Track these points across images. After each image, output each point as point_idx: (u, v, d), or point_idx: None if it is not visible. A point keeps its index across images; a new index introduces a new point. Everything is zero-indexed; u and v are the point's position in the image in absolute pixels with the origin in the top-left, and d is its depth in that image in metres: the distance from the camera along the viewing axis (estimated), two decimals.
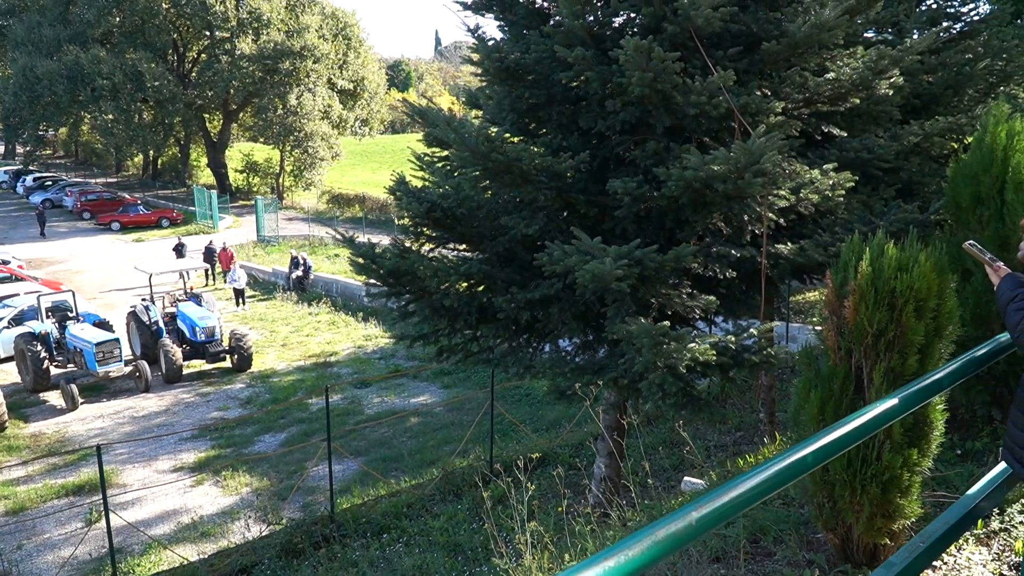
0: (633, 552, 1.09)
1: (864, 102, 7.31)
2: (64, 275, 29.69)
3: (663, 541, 1.14)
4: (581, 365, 6.79)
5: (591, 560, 1.10)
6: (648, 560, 1.11)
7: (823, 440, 1.38)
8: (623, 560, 1.09)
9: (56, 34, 44.64)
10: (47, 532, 12.06)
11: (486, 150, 5.94)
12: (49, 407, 17.42)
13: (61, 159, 68.99)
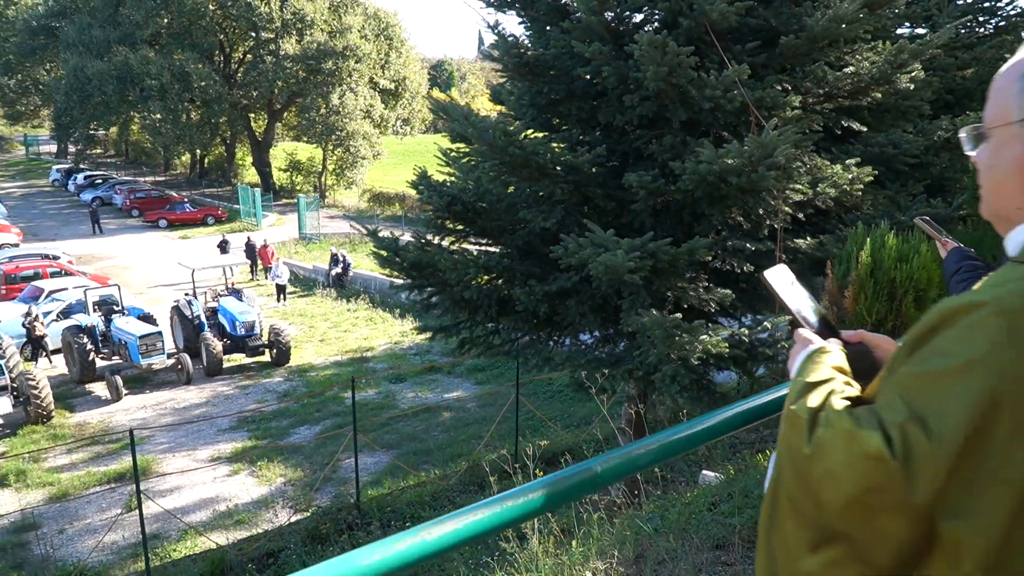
0: (535, 495, 1.18)
1: (891, 97, 7.25)
2: (112, 271, 30.46)
3: (566, 488, 1.23)
4: (598, 357, 6.86)
5: (493, 499, 1.19)
6: (547, 503, 1.20)
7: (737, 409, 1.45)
8: (523, 501, 1.17)
9: (106, 35, 45.76)
10: (88, 517, 12.44)
11: (503, 144, 6.04)
12: (94, 398, 17.91)
13: (111, 158, 70.64)
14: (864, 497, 0.96)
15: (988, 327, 0.93)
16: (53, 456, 14.66)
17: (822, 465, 0.99)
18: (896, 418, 0.95)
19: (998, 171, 1.08)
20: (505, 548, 4.75)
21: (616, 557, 4.12)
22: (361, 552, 1.07)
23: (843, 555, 1.00)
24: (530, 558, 4.59)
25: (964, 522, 0.91)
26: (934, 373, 0.95)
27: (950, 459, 0.91)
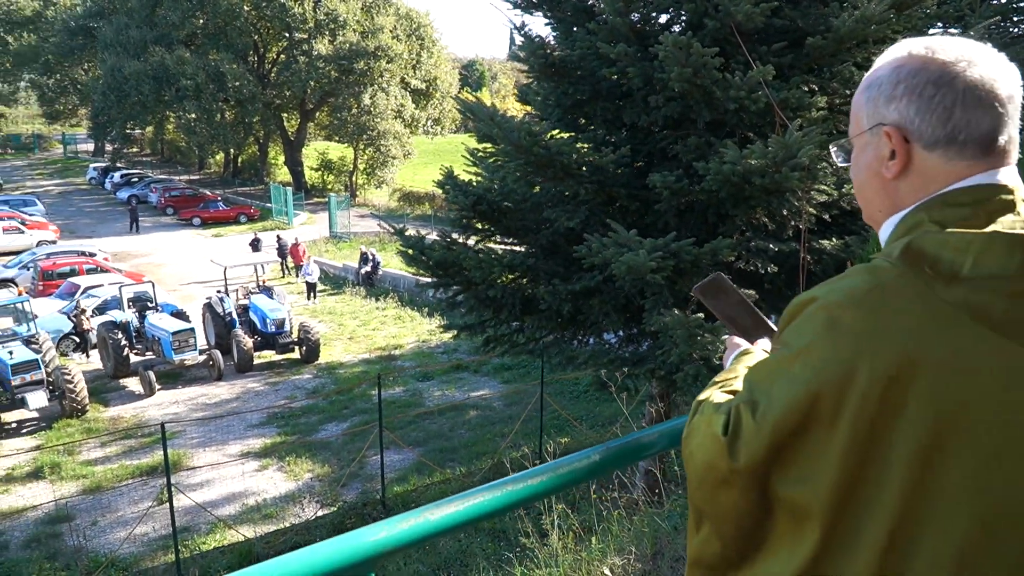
0: (536, 480, 1.23)
1: None
2: (147, 268, 30.97)
3: (565, 474, 1.28)
4: (621, 356, 6.90)
5: (495, 484, 1.25)
6: (549, 488, 1.26)
7: None
8: (524, 486, 1.23)
9: (143, 36, 46.51)
10: (120, 510, 12.69)
11: (528, 144, 6.11)
12: (128, 392, 18.24)
13: (147, 157, 71.78)
14: (707, 473, 1.09)
15: (815, 320, 1.02)
16: (87, 449, 14.97)
17: (689, 447, 1.15)
18: (736, 401, 1.08)
19: (859, 178, 1.17)
20: (525, 544, 4.80)
21: (634, 553, 4.16)
22: (368, 530, 1.14)
23: (708, 532, 1.14)
24: (550, 554, 4.65)
25: (795, 484, 1.03)
26: (774, 361, 1.07)
27: (772, 435, 1.03)
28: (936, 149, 1.06)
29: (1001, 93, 1.06)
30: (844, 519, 1.00)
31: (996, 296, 0.98)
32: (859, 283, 1.02)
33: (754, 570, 1.10)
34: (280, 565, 1.09)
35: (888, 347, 0.97)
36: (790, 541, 1.05)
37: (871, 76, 1.15)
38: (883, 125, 1.10)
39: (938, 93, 1.05)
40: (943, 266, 1.00)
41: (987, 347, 0.97)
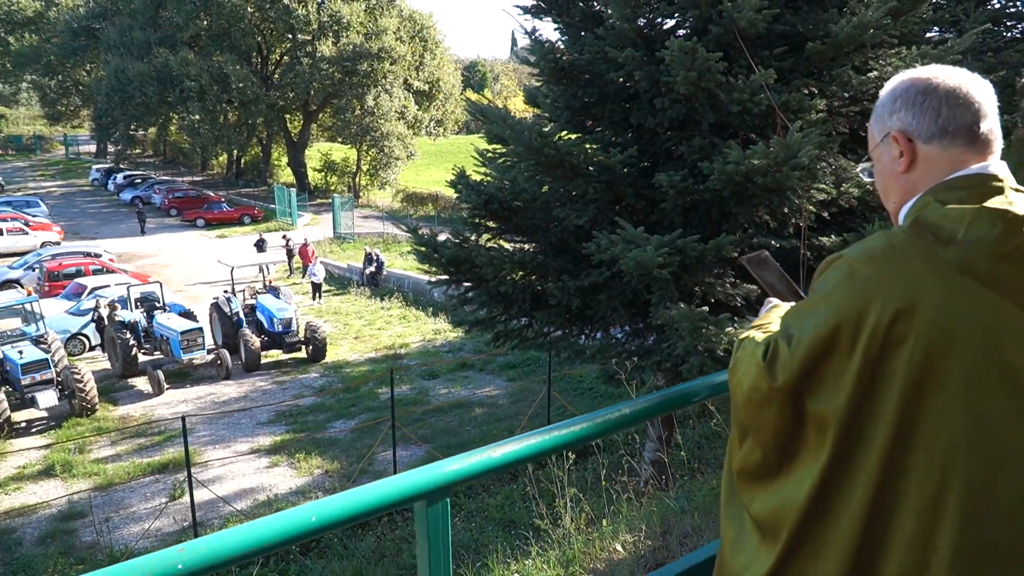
0: (578, 427, 1.47)
1: None
2: (152, 269, 31.17)
3: (600, 424, 1.53)
4: (628, 350, 7.14)
5: (545, 429, 1.49)
6: (584, 435, 1.50)
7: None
8: (567, 431, 1.47)
9: (147, 37, 46.74)
10: (133, 506, 12.89)
11: (539, 145, 6.35)
12: (136, 392, 18.44)
13: (150, 158, 71.98)
14: (752, 394, 1.38)
15: (839, 271, 1.32)
16: (98, 447, 15.18)
17: (736, 375, 1.44)
18: (775, 335, 1.37)
19: (881, 181, 1.48)
20: (539, 525, 5.03)
21: (644, 531, 4.40)
22: (445, 462, 1.37)
23: (751, 444, 1.43)
24: (563, 535, 4.88)
25: (823, 402, 1.31)
26: (806, 303, 1.36)
27: (803, 360, 1.31)
28: (933, 141, 1.37)
29: (974, 95, 1.37)
30: (854, 428, 1.28)
31: (981, 256, 1.27)
32: (876, 243, 1.31)
33: (788, 478, 1.38)
34: (376, 488, 1.33)
35: (895, 291, 1.25)
36: (815, 448, 1.33)
37: (876, 105, 1.47)
38: (890, 134, 1.41)
39: (927, 99, 1.37)
40: (942, 232, 1.28)
41: (972, 294, 1.26)
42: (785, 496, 1.37)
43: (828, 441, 1.30)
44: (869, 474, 1.28)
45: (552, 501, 5.16)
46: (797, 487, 1.36)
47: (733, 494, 1.51)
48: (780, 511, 1.38)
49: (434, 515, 1.37)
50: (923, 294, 1.25)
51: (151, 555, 1.09)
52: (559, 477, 4.92)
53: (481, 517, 9.64)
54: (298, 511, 1.25)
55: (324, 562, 9.31)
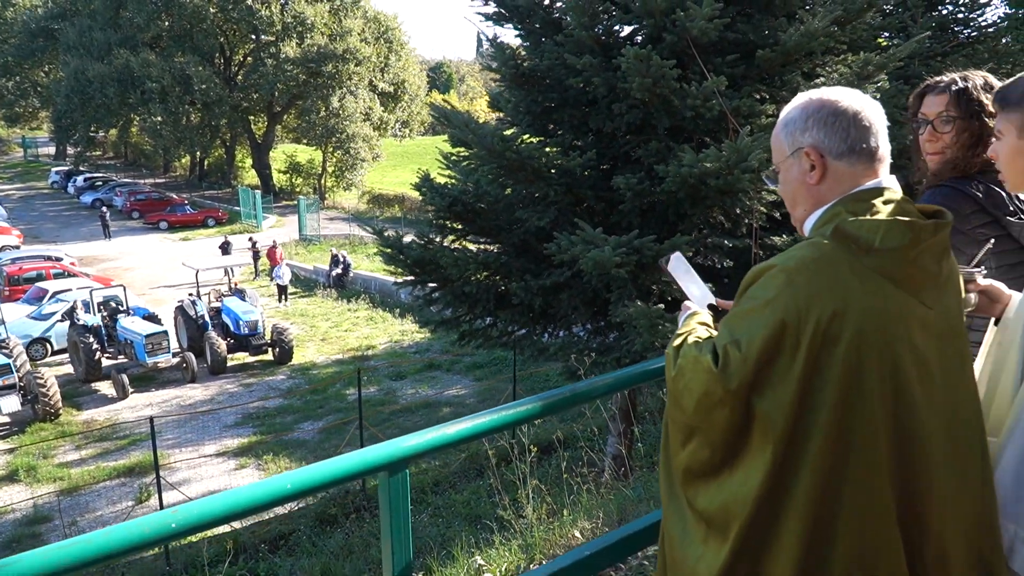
0: (524, 408, 1.66)
1: None
2: (114, 272, 30.83)
3: (550, 403, 1.72)
4: (589, 347, 7.36)
5: (493, 409, 1.68)
6: (529, 414, 1.69)
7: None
8: (514, 411, 1.66)
9: (107, 38, 46.15)
10: (99, 510, 12.83)
11: (501, 149, 6.55)
12: (100, 396, 18.30)
13: (111, 160, 71.01)
14: (704, 399, 1.52)
15: (776, 279, 1.48)
16: (62, 452, 15.08)
17: (682, 383, 1.57)
18: (721, 342, 1.51)
19: (789, 190, 1.66)
20: (503, 516, 5.22)
21: (601, 518, 4.61)
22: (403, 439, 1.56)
23: (698, 444, 1.57)
24: (525, 525, 5.07)
25: (769, 400, 1.46)
26: (745, 310, 1.51)
27: (754, 362, 1.46)
28: (842, 159, 1.57)
29: (873, 118, 1.58)
30: (798, 423, 1.45)
31: (895, 261, 1.48)
32: (808, 254, 1.48)
33: (734, 474, 1.52)
34: (344, 461, 1.50)
35: (830, 297, 1.43)
36: (760, 444, 1.48)
37: (785, 117, 1.66)
38: (802, 148, 1.59)
39: (837, 120, 1.57)
40: (862, 241, 1.48)
41: (890, 295, 1.47)
42: (733, 492, 1.50)
43: (773, 437, 1.45)
44: (816, 460, 1.44)
45: (516, 495, 5.35)
46: (745, 483, 1.49)
47: (674, 492, 1.65)
48: (729, 506, 1.51)
49: (395, 484, 1.56)
50: (852, 297, 1.43)
51: (148, 516, 1.26)
52: (523, 471, 5.11)
53: (448, 513, 9.82)
54: (275, 479, 1.42)
55: (293, 559, 9.42)
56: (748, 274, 1.57)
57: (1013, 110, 1.68)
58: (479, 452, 12.18)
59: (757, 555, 1.50)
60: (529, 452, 5.24)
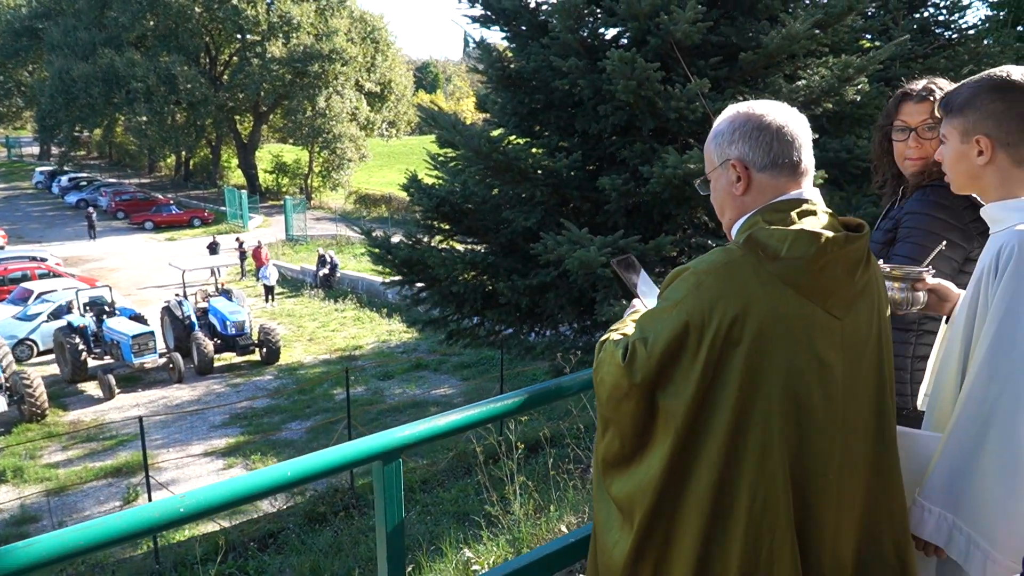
0: (508, 402, 1.75)
1: (845, 107, 7.90)
2: (99, 273, 30.67)
3: (535, 395, 1.80)
4: (575, 345, 7.46)
5: (480, 403, 1.76)
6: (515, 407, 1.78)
7: None
8: (501, 404, 1.75)
9: (91, 37, 45.91)
10: (87, 510, 12.82)
11: (488, 150, 6.64)
12: (87, 396, 18.22)
13: (95, 160, 70.58)
14: (614, 392, 1.61)
15: (687, 282, 1.56)
16: (49, 452, 15.04)
17: (599, 375, 1.65)
18: (632, 338, 1.59)
19: (718, 199, 1.74)
20: (490, 512, 5.30)
21: (587, 513, 4.70)
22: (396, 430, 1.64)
23: (612, 435, 1.66)
24: (513, 521, 5.16)
25: (671, 397, 1.54)
26: (657, 310, 1.60)
27: (657, 360, 1.54)
28: (765, 171, 1.65)
29: (797, 132, 1.66)
30: (698, 418, 1.53)
31: (799, 270, 1.54)
32: (718, 258, 1.55)
33: (641, 464, 1.61)
34: (340, 450, 1.59)
35: (733, 300, 1.50)
36: (662, 437, 1.57)
37: (715, 130, 1.73)
38: (729, 160, 1.67)
39: (761, 135, 1.64)
40: (769, 250, 1.55)
41: (792, 302, 1.54)
42: (639, 480, 1.59)
43: (674, 430, 1.53)
44: (713, 456, 1.52)
45: (503, 492, 5.43)
46: (647, 471, 1.57)
47: (600, 480, 1.73)
48: (634, 494, 1.59)
49: (389, 473, 1.64)
50: (754, 302, 1.50)
51: (157, 501, 1.33)
52: (510, 468, 5.20)
53: (436, 511, 9.89)
54: (277, 468, 1.50)
55: (282, 557, 9.47)
56: (670, 274, 1.64)
57: (956, 116, 1.77)
58: (467, 450, 12.25)
59: (662, 543, 1.59)
60: (517, 449, 5.33)
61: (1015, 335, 1.63)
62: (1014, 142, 1.72)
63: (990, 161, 1.74)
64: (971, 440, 1.66)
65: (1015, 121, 1.70)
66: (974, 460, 1.65)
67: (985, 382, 1.65)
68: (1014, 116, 1.70)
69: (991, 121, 1.72)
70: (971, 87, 1.76)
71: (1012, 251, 1.65)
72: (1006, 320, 1.64)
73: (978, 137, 1.74)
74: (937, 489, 1.71)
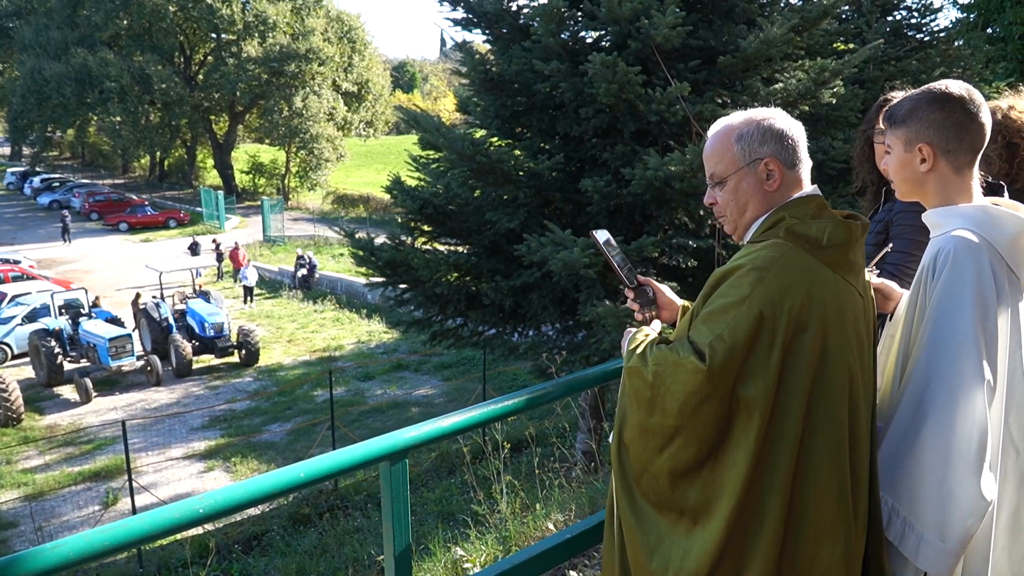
0: (510, 403, 1.81)
1: (820, 109, 8.04)
2: (74, 275, 30.35)
3: (528, 399, 1.87)
4: (559, 345, 7.55)
5: (479, 404, 1.82)
6: (516, 408, 1.84)
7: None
8: (500, 406, 1.81)
9: (64, 37, 45.44)
10: (66, 515, 12.73)
11: (471, 153, 6.70)
12: (63, 400, 18.07)
13: (68, 160, 69.75)
14: (690, 398, 1.62)
15: (748, 277, 1.65)
16: (25, 457, 14.90)
17: (663, 388, 1.64)
18: (704, 340, 1.63)
19: (743, 196, 1.81)
20: (477, 511, 5.36)
21: (573, 511, 4.77)
22: (402, 431, 1.70)
23: (682, 443, 1.65)
24: (500, 520, 5.21)
25: (752, 387, 1.61)
26: (721, 308, 1.65)
27: (740, 353, 1.60)
28: (792, 169, 1.79)
29: (801, 139, 1.82)
30: (778, 403, 1.61)
31: (840, 255, 1.71)
32: (772, 253, 1.66)
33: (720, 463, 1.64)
34: (349, 452, 1.65)
35: (797, 289, 1.62)
36: (743, 431, 1.62)
37: (736, 129, 1.82)
38: (763, 159, 1.77)
39: (785, 138, 1.78)
40: (812, 240, 1.69)
41: (838, 284, 1.70)
42: (721, 480, 1.62)
43: (755, 421, 1.59)
44: (791, 441, 1.61)
45: (489, 491, 5.48)
46: (733, 468, 1.60)
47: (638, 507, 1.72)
48: (714, 495, 1.62)
49: (396, 473, 1.70)
50: (814, 288, 1.64)
51: (176, 503, 1.38)
52: (496, 467, 5.25)
53: (422, 511, 9.94)
54: (289, 469, 1.56)
55: (267, 559, 9.47)
56: (714, 275, 1.71)
57: (900, 126, 1.90)
58: (449, 451, 12.30)
59: (745, 534, 1.62)
60: (502, 449, 5.39)
61: (951, 332, 1.76)
62: (953, 149, 1.86)
63: (932, 168, 1.88)
64: (910, 429, 1.79)
65: (953, 130, 1.84)
66: (912, 447, 1.77)
67: (923, 376, 1.78)
68: (952, 125, 1.84)
69: (932, 130, 1.85)
70: (913, 100, 1.90)
71: (948, 254, 1.78)
72: (942, 318, 1.77)
73: (921, 145, 1.87)
74: (880, 474, 1.82)
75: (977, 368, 1.73)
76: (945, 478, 1.71)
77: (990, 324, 1.76)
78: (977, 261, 1.77)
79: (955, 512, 1.70)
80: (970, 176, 1.90)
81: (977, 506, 1.69)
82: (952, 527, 1.70)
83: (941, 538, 1.71)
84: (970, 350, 1.73)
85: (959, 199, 1.89)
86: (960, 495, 1.70)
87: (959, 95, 1.83)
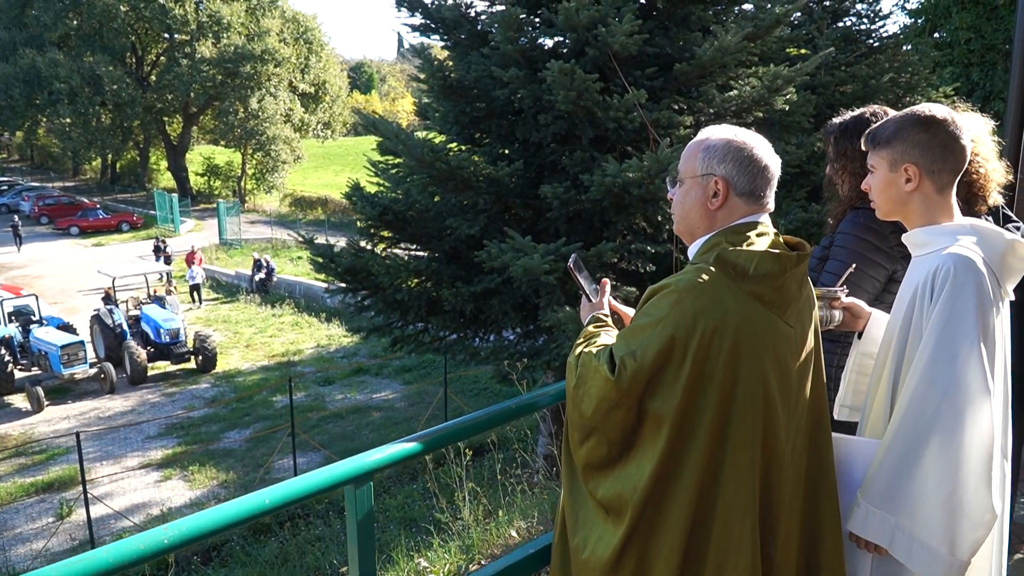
0: (469, 423, 1.84)
1: (774, 114, 8.19)
2: (23, 280, 29.65)
3: (497, 414, 1.90)
4: (520, 351, 7.59)
5: (440, 427, 1.84)
6: (479, 427, 1.87)
7: None
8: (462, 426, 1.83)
9: (12, 37, 44.42)
10: (18, 527, 12.46)
11: (431, 159, 6.70)
12: (14, 409, 17.65)
13: (16, 163, 68.13)
14: (601, 404, 1.74)
15: (668, 299, 1.72)
16: None
17: (582, 389, 1.79)
18: (619, 353, 1.73)
19: (687, 204, 1.86)
20: (440, 519, 5.37)
21: (536, 518, 4.81)
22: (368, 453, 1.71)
23: (596, 442, 1.79)
24: (463, 527, 5.23)
25: (660, 402, 1.69)
26: (641, 325, 1.73)
27: (647, 371, 1.68)
28: (742, 197, 1.82)
29: (774, 175, 1.85)
30: (685, 420, 1.69)
31: (765, 287, 1.74)
32: (694, 277, 1.71)
33: (628, 465, 1.75)
34: (314, 477, 1.65)
35: (711, 315, 1.67)
36: (651, 439, 1.71)
37: (709, 141, 1.85)
38: (714, 176, 1.80)
39: (751, 166, 1.81)
40: (739, 268, 1.73)
41: (760, 315, 1.73)
42: (628, 479, 1.72)
43: (664, 432, 1.68)
44: (698, 459, 1.68)
45: (451, 497, 5.49)
46: (638, 471, 1.71)
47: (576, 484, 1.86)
48: (624, 492, 1.73)
49: (360, 496, 1.72)
50: (729, 315, 1.68)
51: (141, 534, 1.38)
52: (458, 474, 5.27)
53: (383, 518, 9.90)
54: (254, 496, 1.56)
55: (227, 570, 9.36)
56: (649, 289, 1.79)
57: (883, 148, 1.96)
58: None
59: (648, 535, 1.72)
60: (464, 455, 5.41)
61: (954, 349, 1.79)
62: (937, 170, 1.91)
63: (917, 188, 1.93)
64: (913, 446, 1.81)
65: (938, 150, 1.90)
66: (916, 464, 1.80)
67: (925, 392, 1.81)
68: (937, 145, 1.90)
69: (917, 150, 1.91)
70: (897, 122, 1.95)
71: (948, 272, 1.82)
72: (944, 335, 1.80)
73: (907, 165, 1.92)
74: (879, 492, 1.86)
75: (983, 382, 1.77)
76: (954, 491, 1.75)
77: (990, 338, 1.81)
78: (977, 277, 1.81)
79: (965, 524, 1.75)
80: (951, 196, 1.96)
81: (987, 518, 1.75)
82: (962, 538, 1.75)
83: (951, 551, 1.76)
84: (976, 365, 1.77)
85: (942, 218, 1.94)
86: (970, 508, 1.75)
87: (943, 117, 1.90)
